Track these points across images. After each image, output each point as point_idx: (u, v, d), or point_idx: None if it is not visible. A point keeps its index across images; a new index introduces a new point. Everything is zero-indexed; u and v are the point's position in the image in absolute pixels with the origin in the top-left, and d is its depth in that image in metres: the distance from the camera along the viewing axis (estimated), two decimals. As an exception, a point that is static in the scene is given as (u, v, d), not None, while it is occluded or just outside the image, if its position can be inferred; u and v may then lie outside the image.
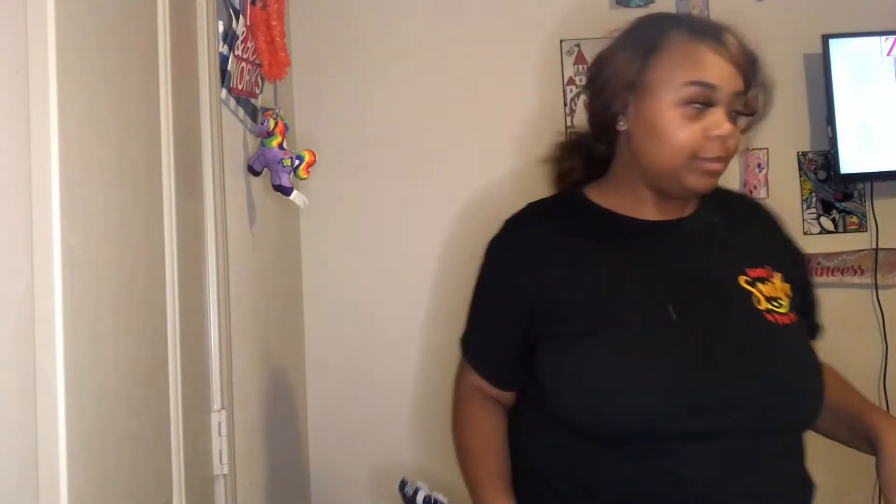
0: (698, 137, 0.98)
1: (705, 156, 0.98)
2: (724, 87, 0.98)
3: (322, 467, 2.08)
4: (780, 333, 1.00)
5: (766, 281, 1.03)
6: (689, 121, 0.98)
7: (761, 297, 1.01)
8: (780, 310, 1.01)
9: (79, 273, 0.76)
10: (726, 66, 0.99)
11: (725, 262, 1.04)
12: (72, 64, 0.76)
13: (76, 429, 0.74)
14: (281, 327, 1.83)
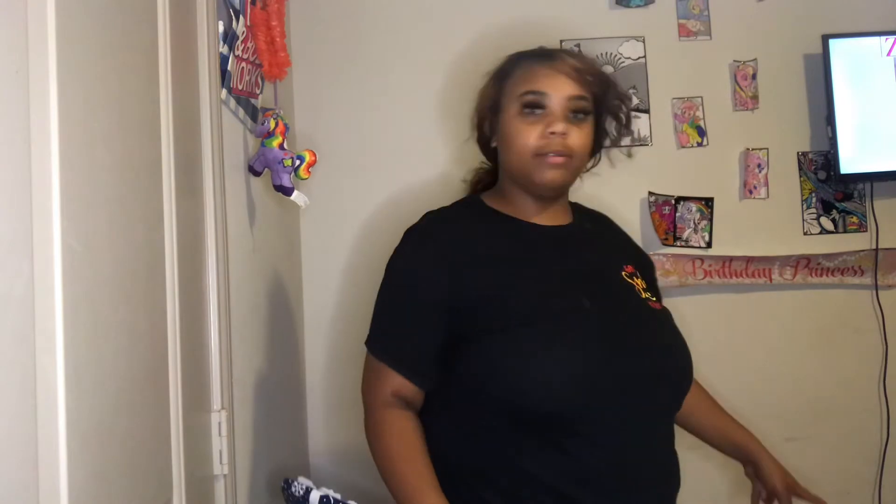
0: (538, 137, 1.15)
1: (545, 152, 1.15)
2: (555, 93, 1.16)
3: (322, 467, 2.08)
4: (663, 318, 1.19)
5: (635, 276, 1.21)
6: (529, 125, 1.16)
7: (641, 289, 1.19)
8: (653, 298, 1.21)
9: (79, 273, 0.76)
10: (558, 76, 1.17)
11: (606, 259, 1.22)
12: (72, 64, 0.76)
13: (76, 429, 0.74)
14: (281, 327, 1.83)
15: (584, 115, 1.18)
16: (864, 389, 2.12)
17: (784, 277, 2.12)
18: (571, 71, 1.17)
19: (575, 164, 1.18)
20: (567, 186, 1.23)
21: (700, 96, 2.15)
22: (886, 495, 2.08)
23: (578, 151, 1.17)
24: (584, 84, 1.17)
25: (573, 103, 1.17)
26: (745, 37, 2.17)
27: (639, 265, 1.26)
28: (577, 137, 1.16)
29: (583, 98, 1.17)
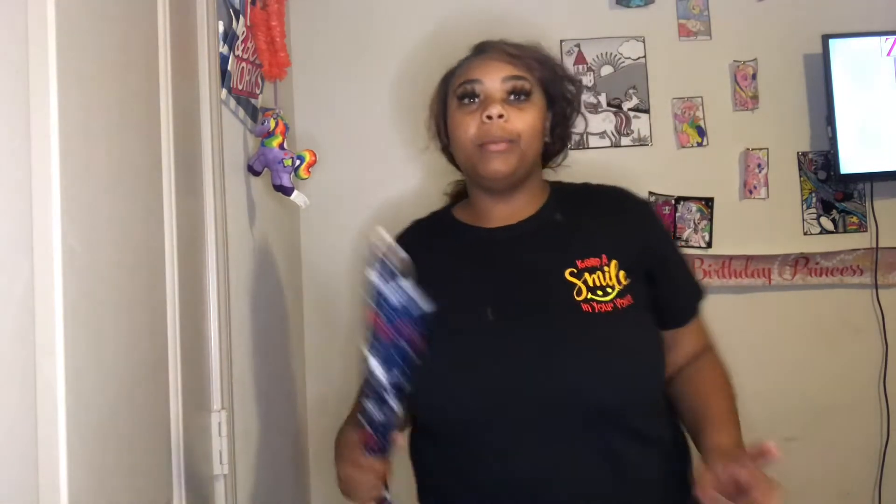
0: (477, 126, 1.10)
1: (485, 140, 1.09)
2: (487, 78, 1.11)
3: (322, 467, 2.08)
4: (592, 322, 1.03)
5: (595, 270, 1.06)
6: (467, 116, 1.12)
7: (583, 288, 1.05)
8: (604, 298, 1.05)
9: (79, 273, 0.76)
10: (490, 62, 1.13)
11: (555, 257, 1.09)
12: (72, 64, 0.76)
13: (76, 429, 0.74)
14: (281, 327, 1.83)
15: (524, 95, 1.11)
16: (864, 389, 2.12)
17: (784, 277, 2.12)
18: (504, 55, 1.12)
19: (521, 150, 1.09)
20: (517, 175, 1.12)
21: (700, 96, 2.15)
22: (886, 495, 2.08)
23: (523, 133, 1.09)
24: (520, 65, 1.12)
25: (508, 84, 1.10)
26: (745, 37, 2.17)
27: (621, 254, 1.09)
28: (518, 119, 1.09)
29: (519, 77, 1.11)
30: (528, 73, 1.12)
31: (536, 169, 1.18)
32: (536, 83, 1.13)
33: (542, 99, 1.14)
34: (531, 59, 1.13)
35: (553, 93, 1.16)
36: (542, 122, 1.14)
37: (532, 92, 1.12)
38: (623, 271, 1.07)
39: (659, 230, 1.19)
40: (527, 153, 1.11)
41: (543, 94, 1.14)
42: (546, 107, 1.15)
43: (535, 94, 1.13)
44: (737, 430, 1.07)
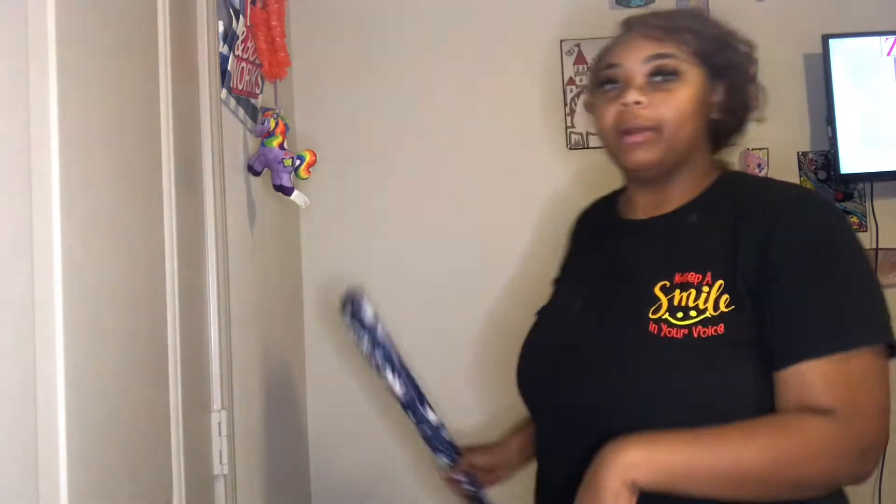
0: (615, 113, 1.00)
1: (622, 128, 0.99)
2: (627, 61, 1.00)
3: (322, 467, 2.08)
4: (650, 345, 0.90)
5: (689, 287, 0.91)
6: (607, 103, 1.01)
7: (665, 305, 0.91)
8: (681, 322, 0.89)
9: (79, 273, 0.76)
10: (632, 40, 1.02)
11: (657, 265, 0.96)
12: (72, 64, 0.76)
13: (76, 429, 0.74)
14: (281, 327, 1.83)
15: (671, 75, 0.98)
16: (864, 389, 2.12)
17: (784, 277, 2.12)
18: (649, 30, 1.00)
19: (666, 138, 0.97)
20: (665, 165, 0.99)
21: (700, 96, 2.15)
22: (886, 495, 2.08)
23: (668, 119, 0.96)
24: (667, 41, 0.99)
25: (650, 65, 0.98)
26: (745, 37, 2.16)
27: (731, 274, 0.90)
28: (662, 104, 0.96)
29: (663, 56, 0.98)
30: (677, 49, 0.98)
31: (697, 154, 1.02)
32: (690, 58, 0.99)
33: (701, 74, 0.99)
34: (683, 31, 1.00)
35: (718, 63, 1.01)
36: (700, 102, 0.99)
37: (681, 70, 0.98)
38: (727, 295, 0.88)
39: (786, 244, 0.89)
40: (675, 140, 0.97)
41: (703, 67, 1.00)
42: (708, 81, 1.00)
43: (687, 71, 0.98)
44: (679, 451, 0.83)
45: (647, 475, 0.80)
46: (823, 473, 0.83)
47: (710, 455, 0.82)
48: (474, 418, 2.02)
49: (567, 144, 2.12)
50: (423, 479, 2.05)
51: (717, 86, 1.01)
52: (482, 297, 2.07)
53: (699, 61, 1.00)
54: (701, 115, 1.00)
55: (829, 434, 0.82)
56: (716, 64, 1.01)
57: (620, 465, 0.81)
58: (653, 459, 0.81)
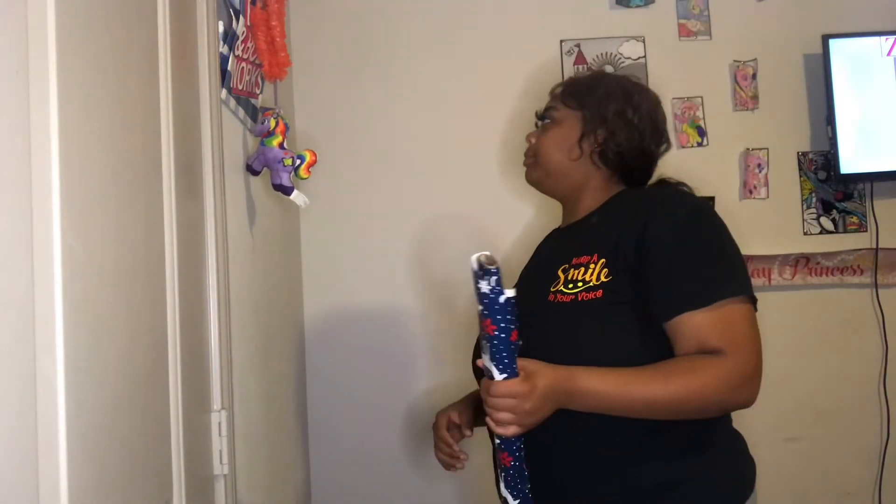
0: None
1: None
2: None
3: (322, 467, 2.08)
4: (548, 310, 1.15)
5: (580, 266, 1.16)
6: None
7: (561, 281, 1.16)
8: (570, 290, 1.14)
9: (79, 273, 0.76)
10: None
11: (561, 255, 1.21)
12: (72, 64, 0.76)
13: (76, 429, 0.74)
14: (281, 327, 1.83)
15: (547, 119, 1.31)
16: (864, 389, 2.12)
17: (784, 277, 2.12)
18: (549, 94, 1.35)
19: (541, 164, 1.29)
20: (545, 184, 1.31)
21: (700, 96, 2.15)
22: (886, 495, 2.08)
23: (539, 150, 1.29)
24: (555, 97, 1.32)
25: (539, 114, 1.34)
26: (745, 37, 2.17)
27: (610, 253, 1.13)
28: (537, 140, 1.31)
29: (548, 108, 1.32)
30: (558, 103, 1.31)
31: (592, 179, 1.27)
32: (570, 110, 1.28)
33: (575, 120, 1.27)
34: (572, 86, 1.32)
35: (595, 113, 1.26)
36: (563, 138, 1.27)
37: (555, 117, 1.30)
38: (606, 269, 1.13)
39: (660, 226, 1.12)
40: (547, 165, 1.29)
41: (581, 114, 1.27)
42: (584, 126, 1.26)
43: (560, 118, 1.29)
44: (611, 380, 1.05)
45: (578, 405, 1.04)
46: (718, 401, 1.07)
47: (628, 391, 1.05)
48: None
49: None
50: (422, 479, 2.05)
51: (599, 130, 1.25)
52: (482, 297, 2.07)
53: (578, 112, 1.27)
54: (567, 150, 1.26)
55: (721, 368, 1.04)
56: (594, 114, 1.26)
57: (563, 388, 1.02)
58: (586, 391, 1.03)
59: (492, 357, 1.00)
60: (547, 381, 1.01)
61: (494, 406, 1.00)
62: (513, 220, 2.07)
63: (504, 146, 2.12)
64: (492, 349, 1.00)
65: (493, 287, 0.98)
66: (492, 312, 0.98)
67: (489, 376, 1.01)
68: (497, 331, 0.98)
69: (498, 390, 1.00)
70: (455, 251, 2.11)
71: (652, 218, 1.13)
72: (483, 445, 1.22)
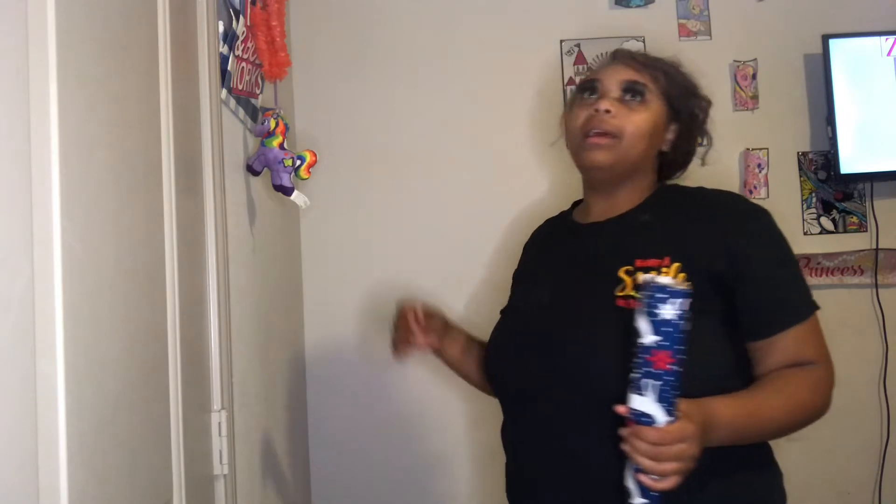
0: (585, 117, 1.14)
1: (589, 130, 1.13)
2: (607, 78, 1.15)
3: (322, 467, 2.08)
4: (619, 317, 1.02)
5: (651, 270, 1.04)
6: (582, 108, 1.15)
7: (629, 285, 1.06)
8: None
9: (79, 273, 0.76)
10: (614, 66, 1.17)
11: (618, 253, 1.10)
12: (72, 64, 0.76)
13: (76, 429, 0.74)
14: (281, 327, 1.83)
15: (639, 97, 1.13)
16: (864, 389, 2.12)
17: (784, 277, 2.12)
18: (629, 61, 1.16)
19: (623, 147, 1.11)
20: (617, 171, 1.14)
21: (700, 96, 2.15)
22: (886, 495, 2.08)
23: (627, 132, 1.11)
24: (643, 72, 1.14)
25: (625, 84, 1.13)
26: (745, 37, 2.16)
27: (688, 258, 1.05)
28: (627, 117, 1.11)
29: (637, 82, 1.14)
30: (650, 82, 1.14)
31: (643, 171, 1.18)
32: (657, 92, 1.15)
33: (663, 108, 1.15)
34: (657, 70, 1.16)
35: (678, 107, 1.17)
36: (654, 128, 1.14)
37: (647, 97, 1.14)
38: (683, 275, 1.03)
39: (751, 239, 1.09)
40: (628, 152, 1.12)
41: (666, 105, 1.16)
42: (667, 118, 1.16)
43: (652, 100, 1.14)
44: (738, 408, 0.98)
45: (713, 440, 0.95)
46: (820, 412, 1.06)
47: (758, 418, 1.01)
48: (473, 415, 2.02)
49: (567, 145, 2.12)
50: (422, 479, 2.05)
51: (672, 125, 1.18)
52: (482, 297, 2.07)
53: (664, 99, 1.16)
54: (653, 142, 1.16)
55: (822, 380, 1.06)
56: (676, 107, 1.17)
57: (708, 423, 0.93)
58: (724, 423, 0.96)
59: (659, 397, 0.86)
60: (699, 416, 0.91)
61: (661, 457, 0.87)
62: (513, 220, 2.07)
63: (504, 146, 2.12)
64: (661, 388, 0.86)
65: (679, 312, 0.86)
66: (672, 343, 0.86)
67: (645, 422, 0.87)
68: (674, 364, 0.86)
69: (669, 436, 0.87)
70: (455, 251, 2.11)
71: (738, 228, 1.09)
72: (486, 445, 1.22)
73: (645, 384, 0.87)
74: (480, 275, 2.09)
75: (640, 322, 0.88)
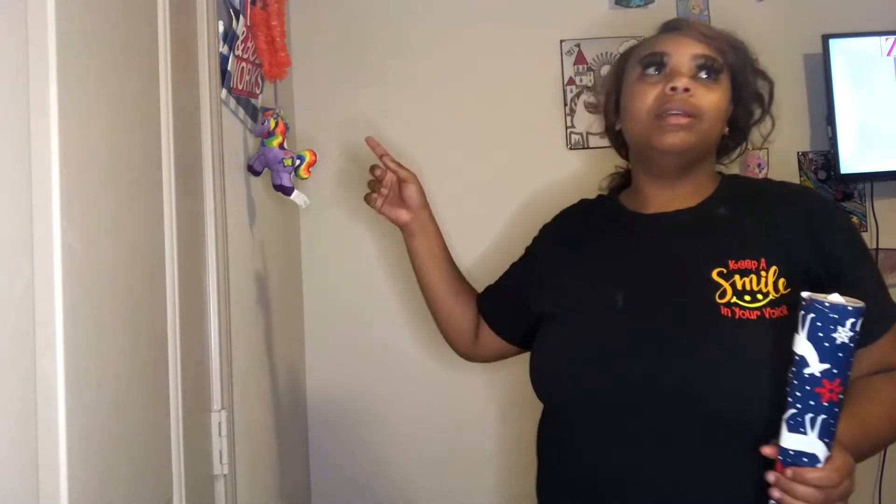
0: (659, 96, 1.03)
1: (665, 110, 1.02)
2: (677, 52, 1.05)
3: (322, 467, 2.08)
4: (730, 328, 0.96)
5: (748, 273, 0.98)
6: (649, 86, 1.05)
7: (729, 291, 0.98)
8: (751, 304, 0.97)
9: (79, 273, 0.76)
10: (681, 38, 1.07)
11: (706, 253, 1.02)
12: (72, 64, 0.76)
13: (76, 429, 0.74)
14: (281, 327, 1.83)
15: (714, 74, 1.04)
16: (864, 389, 2.12)
17: (784, 277, 2.12)
18: (698, 34, 1.07)
19: (703, 128, 1.02)
20: (693, 155, 1.05)
21: (700, 96, 2.15)
22: (886, 495, 2.08)
23: (707, 112, 1.02)
24: (712, 46, 1.05)
25: (699, 61, 1.04)
26: (745, 37, 2.15)
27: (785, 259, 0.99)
28: (705, 96, 1.02)
29: (710, 57, 1.04)
30: (720, 56, 1.05)
31: (710, 157, 1.10)
32: (726, 68, 1.06)
33: (728, 87, 1.07)
34: (724, 43, 1.07)
35: (741, 83, 1.09)
36: (727, 108, 1.07)
37: (722, 74, 1.05)
38: (784, 279, 0.97)
39: (841, 236, 1.03)
40: (708, 133, 1.04)
41: (731, 81, 1.07)
42: (731, 95, 1.08)
43: (723, 77, 1.06)
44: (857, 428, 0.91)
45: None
46: None
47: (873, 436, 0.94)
48: (477, 416, 2.02)
49: (567, 144, 2.12)
50: (422, 479, 2.05)
51: (732, 105, 1.09)
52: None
53: (729, 75, 1.07)
54: (724, 121, 1.07)
55: None
56: (740, 83, 1.08)
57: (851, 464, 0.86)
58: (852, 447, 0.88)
59: (823, 433, 0.77)
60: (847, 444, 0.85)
61: (830, 500, 0.81)
62: (513, 220, 2.07)
63: (504, 146, 2.12)
64: (827, 422, 0.77)
65: (852, 335, 0.76)
66: (843, 369, 0.76)
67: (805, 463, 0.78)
68: (842, 393, 0.77)
69: (838, 475, 0.80)
70: (454, 251, 2.11)
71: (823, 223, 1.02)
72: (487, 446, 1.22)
73: (808, 420, 0.78)
74: (479, 275, 2.08)
75: (800, 347, 0.79)
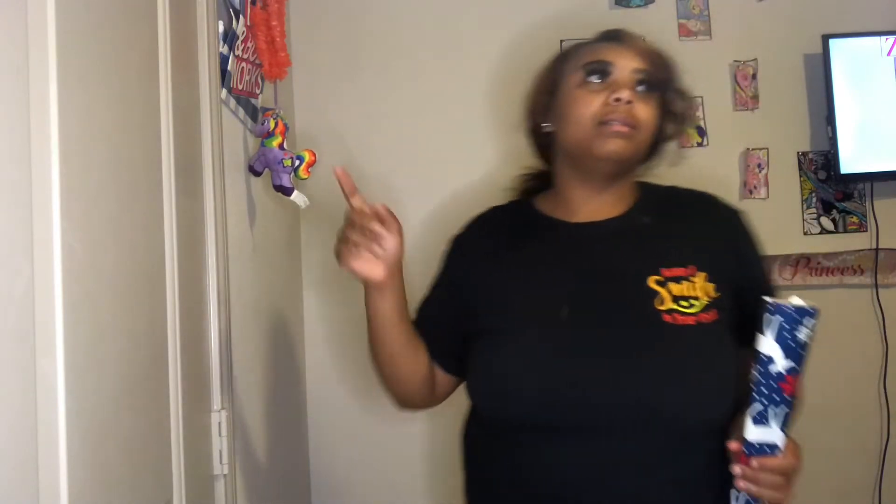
0: (601, 105, 1.06)
1: (608, 119, 1.04)
2: (620, 64, 1.08)
3: (322, 467, 2.08)
4: (673, 333, 0.99)
5: (682, 280, 1.03)
6: (592, 94, 1.07)
7: (667, 297, 1.02)
8: (689, 310, 1.01)
9: (79, 273, 0.76)
10: (623, 49, 1.10)
11: (639, 262, 1.05)
12: (72, 64, 0.76)
13: (76, 429, 0.74)
14: (281, 327, 1.83)
15: (651, 88, 1.09)
16: (864, 389, 2.12)
17: (784, 277, 2.12)
18: (639, 49, 1.11)
19: (640, 139, 1.07)
20: (628, 164, 1.09)
21: (700, 96, 2.15)
22: (886, 495, 2.08)
23: (644, 124, 1.06)
24: (650, 62, 1.09)
25: (639, 75, 1.08)
26: (745, 37, 2.16)
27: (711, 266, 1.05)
28: (643, 110, 1.06)
29: (649, 72, 1.09)
30: (656, 72, 1.10)
31: (637, 167, 1.15)
32: (659, 84, 1.11)
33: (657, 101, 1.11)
34: (659, 61, 1.11)
35: (667, 100, 1.13)
36: (656, 120, 1.11)
37: (656, 90, 1.10)
38: (713, 284, 1.03)
39: (750, 243, 1.13)
40: (642, 145, 1.08)
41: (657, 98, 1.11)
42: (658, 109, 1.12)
43: (656, 93, 1.10)
44: None
45: None
46: None
47: None
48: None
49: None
50: (422, 480, 2.05)
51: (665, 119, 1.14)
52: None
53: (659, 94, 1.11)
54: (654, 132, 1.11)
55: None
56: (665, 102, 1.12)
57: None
58: None
59: (785, 423, 0.84)
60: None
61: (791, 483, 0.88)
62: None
63: (504, 145, 2.12)
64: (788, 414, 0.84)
65: (811, 333, 0.83)
66: (803, 363, 0.82)
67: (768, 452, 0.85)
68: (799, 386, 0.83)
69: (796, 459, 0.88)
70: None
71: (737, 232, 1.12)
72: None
73: (770, 412, 0.83)
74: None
75: (765, 347, 0.83)
